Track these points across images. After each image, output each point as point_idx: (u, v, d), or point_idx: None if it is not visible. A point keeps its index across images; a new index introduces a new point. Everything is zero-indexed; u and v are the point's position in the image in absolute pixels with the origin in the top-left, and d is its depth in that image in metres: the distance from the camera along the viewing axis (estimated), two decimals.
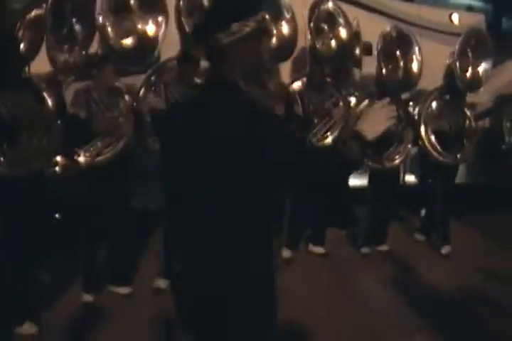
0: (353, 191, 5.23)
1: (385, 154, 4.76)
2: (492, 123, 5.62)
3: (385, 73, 4.85)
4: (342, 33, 5.04)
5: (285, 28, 4.65)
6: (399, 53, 5.04)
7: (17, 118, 3.11)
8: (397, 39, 5.00)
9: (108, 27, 3.82)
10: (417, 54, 4.99)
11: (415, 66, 5.00)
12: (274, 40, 4.52)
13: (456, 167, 5.13)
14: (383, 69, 4.85)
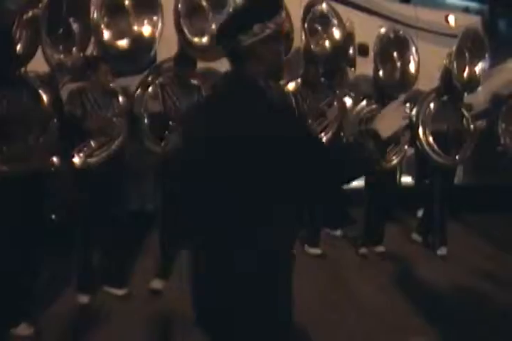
0: (350, 192, 5.22)
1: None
2: (488, 124, 5.62)
3: (382, 74, 4.85)
4: (336, 34, 5.04)
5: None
6: (396, 54, 5.04)
7: (13, 116, 3.09)
8: (394, 40, 4.99)
9: (103, 27, 3.81)
10: (414, 55, 4.99)
11: (412, 67, 5.00)
12: None
13: (454, 168, 5.14)
14: (380, 70, 4.86)
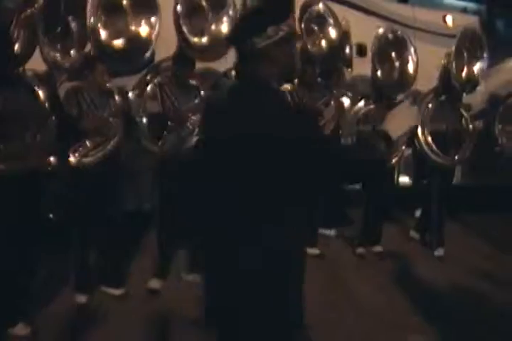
0: (348, 192, 5.22)
1: None
2: (485, 124, 5.63)
3: (380, 74, 4.85)
4: (332, 34, 5.04)
5: None
6: (394, 54, 5.04)
7: (10, 114, 3.08)
8: (392, 40, 4.99)
9: (99, 27, 3.79)
10: (413, 55, 4.98)
11: (411, 67, 4.99)
12: None
13: (452, 168, 5.13)
14: (378, 70, 4.86)
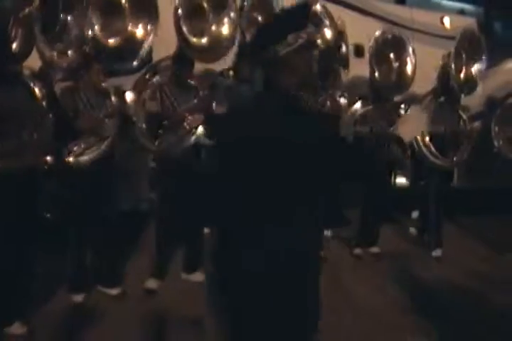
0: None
1: None
2: (482, 126, 5.64)
3: (378, 75, 4.84)
4: (327, 34, 5.04)
5: None
6: (393, 55, 5.03)
7: (7, 112, 3.07)
8: (390, 41, 4.98)
9: (97, 26, 3.79)
10: (411, 56, 4.98)
11: (409, 68, 4.99)
12: None
13: (450, 170, 5.13)
14: (376, 71, 4.86)
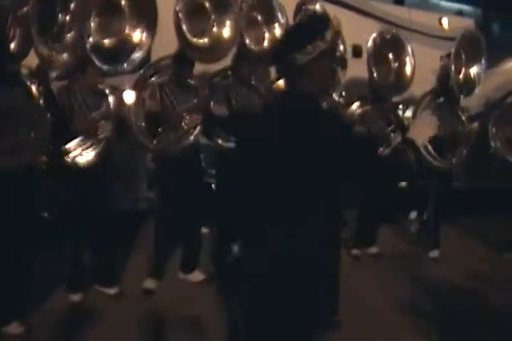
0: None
1: None
2: (480, 127, 5.65)
3: (377, 76, 4.83)
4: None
5: (278, 31, 4.64)
6: (391, 56, 5.02)
7: (4, 110, 3.07)
8: (389, 42, 4.96)
9: (95, 26, 3.78)
10: (411, 57, 4.96)
11: (408, 69, 4.97)
12: (267, 43, 4.52)
13: (450, 171, 5.12)
14: (374, 72, 4.85)
